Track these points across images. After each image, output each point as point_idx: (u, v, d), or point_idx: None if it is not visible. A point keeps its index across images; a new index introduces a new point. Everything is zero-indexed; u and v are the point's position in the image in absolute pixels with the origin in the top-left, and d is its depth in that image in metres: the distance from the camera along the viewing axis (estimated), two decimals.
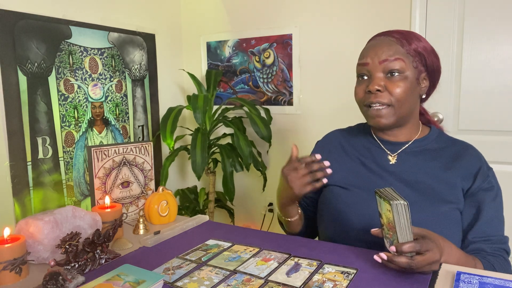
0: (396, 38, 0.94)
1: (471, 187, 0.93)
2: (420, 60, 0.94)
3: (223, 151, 2.05)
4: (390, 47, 0.93)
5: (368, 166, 1.01)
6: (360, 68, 0.97)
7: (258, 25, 2.26)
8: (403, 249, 0.72)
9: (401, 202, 0.71)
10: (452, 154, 0.97)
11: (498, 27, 1.70)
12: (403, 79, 0.92)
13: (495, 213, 0.93)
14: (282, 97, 2.24)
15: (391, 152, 1.00)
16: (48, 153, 1.74)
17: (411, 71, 0.93)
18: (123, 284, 0.73)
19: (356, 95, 0.98)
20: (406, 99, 0.92)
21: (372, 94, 0.93)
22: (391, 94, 0.92)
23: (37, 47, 1.68)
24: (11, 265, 0.80)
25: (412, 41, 0.94)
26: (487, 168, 0.96)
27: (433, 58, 0.97)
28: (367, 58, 0.94)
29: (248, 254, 0.90)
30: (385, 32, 0.97)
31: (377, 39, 0.97)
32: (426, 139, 1.00)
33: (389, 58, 0.91)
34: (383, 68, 0.92)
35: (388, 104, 0.92)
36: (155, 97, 2.30)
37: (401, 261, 0.72)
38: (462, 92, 1.80)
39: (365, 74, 0.96)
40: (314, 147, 1.16)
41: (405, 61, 0.92)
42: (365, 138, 1.06)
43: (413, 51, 0.93)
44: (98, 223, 0.99)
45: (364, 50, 0.98)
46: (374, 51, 0.94)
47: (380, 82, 0.92)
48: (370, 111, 0.94)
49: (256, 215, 2.45)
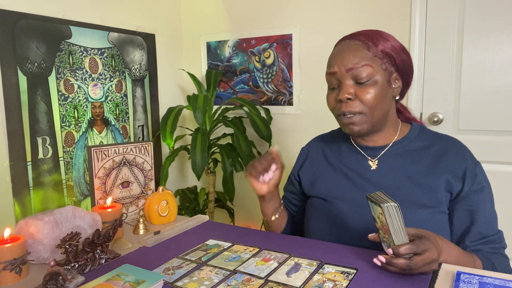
0: (362, 41, 0.90)
1: (461, 190, 0.90)
2: (390, 61, 0.91)
3: (223, 151, 2.05)
4: (355, 53, 0.89)
5: (350, 175, 0.99)
6: (329, 77, 0.94)
7: (258, 25, 2.26)
8: (400, 251, 0.71)
9: (392, 204, 0.71)
10: (435, 153, 0.94)
11: (498, 27, 1.70)
12: (373, 84, 0.89)
13: (489, 213, 0.92)
14: (282, 97, 2.24)
15: (371, 157, 0.98)
16: (48, 153, 1.74)
17: (381, 74, 0.89)
18: (123, 284, 0.73)
19: (329, 104, 0.96)
20: (378, 105, 0.90)
21: (343, 103, 0.90)
22: (362, 102, 0.89)
23: (37, 47, 1.68)
24: (11, 265, 0.80)
25: (378, 42, 0.90)
26: (474, 165, 0.92)
27: (403, 56, 0.93)
28: (334, 67, 0.91)
29: (248, 254, 0.90)
30: (350, 36, 0.94)
31: (343, 44, 0.94)
32: (406, 138, 0.97)
33: (355, 66, 0.88)
34: (351, 75, 0.89)
35: (360, 112, 0.90)
36: (155, 97, 2.30)
37: (400, 263, 0.72)
38: (462, 92, 1.80)
39: (335, 83, 0.93)
40: (299, 154, 1.15)
41: (373, 66, 0.88)
42: (346, 144, 1.04)
43: (381, 53, 0.89)
44: (98, 223, 0.99)
45: (330, 57, 0.95)
46: (341, 59, 0.90)
47: (349, 90, 0.89)
48: (343, 120, 0.92)
49: (256, 215, 2.45)
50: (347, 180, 0.99)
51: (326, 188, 1.01)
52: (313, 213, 1.03)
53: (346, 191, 0.98)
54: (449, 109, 1.84)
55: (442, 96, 1.84)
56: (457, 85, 1.81)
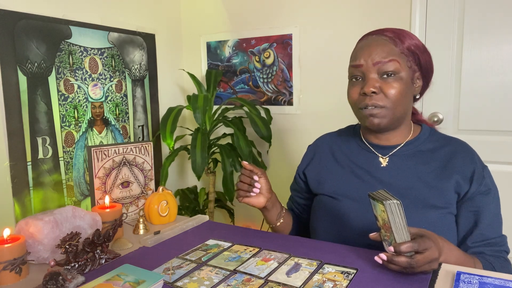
0: (389, 37, 0.91)
1: (468, 191, 0.90)
2: (414, 60, 0.92)
3: (223, 151, 2.05)
4: (383, 47, 0.90)
5: (358, 173, 0.99)
6: (353, 69, 0.93)
7: (258, 25, 2.26)
8: (402, 249, 0.71)
9: (394, 202, 0.71)
10: (445, 156, 0.94)
11: (498, 27, 1.70)
12: (398, 80, 0.89)
13: (494, 216, 0.91)
14: (282, 97, 2.24)
15: (382, 155, 0.98)
16: (48, 153, 1.74)
17: (406, 71, 0.90)
18: (123, 284, 0.73)
19: (350, 97, 0.95)
20: (401, 101, 0.90)
21: (367, 96, 0.90)
22: (386, 96, 0.89)
23: (37, 47, 1.68)
24: (11, 265, 0.80)
25: (405, 40, 0.91)
26: (482, 168, 0.93)
27: (426, 56, 0.94)
28: (361, 60, 0.91)
29: (248, 254, 0.90)
30: (377, 31, 0.94)
31: (369, 39, 0.94)
32: (417, 139, 0.98)
33: (383, 60, 0.88)
34: (377, 69, 0.89)
35: (383, 106, 0.90)
36: (155, 97, 2.30)
37: (401, 261, 0.72)
38: (462, 92, 1.80)
39: (359, 76, 0.93)
40: (306, 152, 1.15)
41: (400, 62, 0.89)
42: (356, 142, 1.04)
43: (407, 50, 0.90)
44: (98, 223, 0.99)
45: (356, 50, 0.94)
46: (368, 52, 0.90)
47: (375, 84, 0.89)
48: (364, 112, 0.92)
49: (256, 215, 2.45)
50: (356, 178, 0.99)
51: (334, 185, 1.01)
52: (320, 211, 1.02)
53: (354, 189, 0.98)
54: (449, 109, 1.84)
55: (442, 96, 1.84)
56: (457, 85, 1.81)
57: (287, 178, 2.34)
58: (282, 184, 2.39)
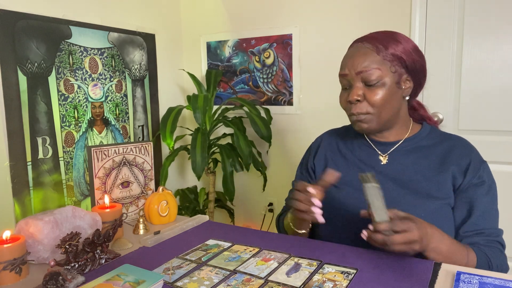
0: (373, 44, 0.94)
1: (462, 183, 0.93)
2: (399, 64, 0.94)
3: (223, 151, 2.05)
4: (365, 57, 0.93)
5: (362, 167, 1.03)
6: (341, 78, 0.99)
7: (258, 25, 2.26)
8: (378, 227, 0.76)
9: (373, 185, 0.78)
10: (443, 150, 0.98)
11: (498, 27, 1.70)
12: (381, 86, 0.93)
13: (488, 207, 0.93)
14: (282, 97, 2.24)
15: (382, 152, 1.02)
16: (48, 153, 1.74)
17: (390, 77, 0.93)
18: (123, 284, 0.73)
19: (341, 104, 1.01)
20: (385, 105, 0.94)
21: (352, 104, 0.95)
22: (370, 103, 0.94)
23: (37, 47, 1.68)
24: (11, 265, 0.80)
25: (389, 45, 0.93)
26: (479, 162, 0.95)
27: (415, 57, 0.96)
28: (345, 69, 0.96)
29: (248, 254, 0.90)
30: (363, 38, 0.98)
31: (354, 47, 0.98)
32: (417, 136, 1.01)
33: (364, 69, 0.92)
34: (361, 78, 0.93)
35: (367, 112, 0.94)
36: (155, 97, 2.30)
37: (377, 238, 0.76)
38: (462, 92, 1.80)
39: (346, 84, 0.98)
40: (311, 145, 1.18)
41: (382, 69, 0.92)
42: (359, 138, 1.08)
43: (391, 56, 0.93)
44: (98, 223, 0.99)
45: (343, 60, 0.99)
46: (351, 62, 0.95)
47: (358, 92, 0.94)
48: (353, 117, 0.98)
49: (256, 215, 2.45)
50: (359, 170, 1.02)
51: None
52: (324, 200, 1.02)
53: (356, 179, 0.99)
54: (449, 109, 1.84)
55: (442, 96, 1.84)
56: (457, 85, 1.81)
57: (287, 178, 2.34)
58: (282, 184, 2.39)
